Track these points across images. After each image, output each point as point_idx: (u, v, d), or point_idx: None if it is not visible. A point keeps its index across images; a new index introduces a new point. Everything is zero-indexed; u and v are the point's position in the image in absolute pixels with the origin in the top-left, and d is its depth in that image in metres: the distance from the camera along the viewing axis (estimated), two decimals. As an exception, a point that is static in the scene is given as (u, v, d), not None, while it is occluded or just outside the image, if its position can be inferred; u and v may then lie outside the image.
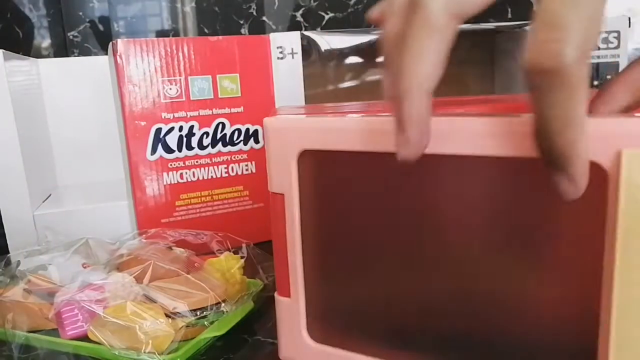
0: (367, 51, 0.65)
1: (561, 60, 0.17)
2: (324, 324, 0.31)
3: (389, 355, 0.29)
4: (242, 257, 0.42)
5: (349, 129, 0.27)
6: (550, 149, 0.19)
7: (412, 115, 0.21)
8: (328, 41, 0.63)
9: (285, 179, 0.29)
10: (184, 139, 0.53)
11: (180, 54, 0.52)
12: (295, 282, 0.30)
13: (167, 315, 0.35)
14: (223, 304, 0.37)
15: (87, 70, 0.68)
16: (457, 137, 0.24)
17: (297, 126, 0.29)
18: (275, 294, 0.32)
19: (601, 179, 0.21)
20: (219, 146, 0.55)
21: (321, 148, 0.28)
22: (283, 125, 0.29)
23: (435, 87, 0.21)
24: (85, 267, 0.40)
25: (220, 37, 0.53)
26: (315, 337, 0.31)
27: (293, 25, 0.76)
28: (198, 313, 0.36)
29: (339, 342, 0.30)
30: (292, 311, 0.31)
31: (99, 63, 0.67)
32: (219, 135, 0.54)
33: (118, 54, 0.50)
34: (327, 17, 0.76)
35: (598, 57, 0.63)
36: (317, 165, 0.29)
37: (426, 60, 0.20)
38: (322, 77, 0.66)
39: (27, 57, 0.64)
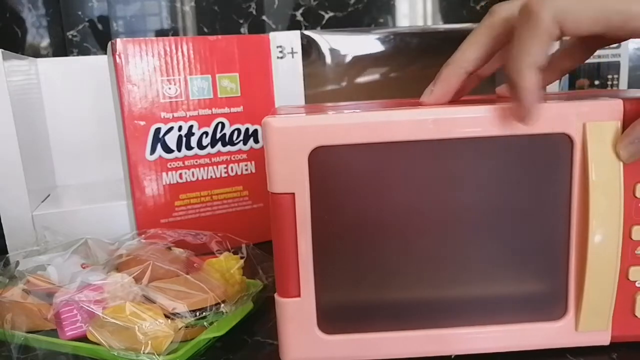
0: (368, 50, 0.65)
1: (540, 8, 0.26)
2: (333, 318, 0.32)
3: (399, 326, 0.32)
4: (241, 258, 0.42)
5: (361, 123, 0.29)
6: (510, 69, 0.27)
7: (527, 87, 0.27)
8: (328, 41, 0.63)
9: (296, 178, 0.30)
10: (184, 139, 0.53)
11: (180, 54, 0.52)
12: (306, 281, 0.31)
13: (166, 316, 0.35)
14: (222, 305, 0.37)
15: (86, 70, 0.68)
16: (467, 122, 0.29)
17: (307, 124, 0.29)
18: (276, 296, 0.32)
19: (570, 147, 0.29)
20: (219, 146, 0.55)
21: (334, 143, 0.29)
22: (291, 124, 0.29)
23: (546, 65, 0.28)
24: (84, 268, 0.40)
25: (219, 36, 0.53)
26: (327, 331, 0.32)
27: (293, 25, 0.76)
28: (197, 314, 0.36)
29: (350, 330, 0.32)
30: (301, 310, 0.31)
31: (98, 63, 0.67)
32: (218, 135, 0.54)
33: (117, 53, 0.50)
34: (327, 16, 0.76)
35: (599, 56, 0.63)
36: (327, 162, 0.30)
37: (535, 53, 0.27)
38: (322, 77, 0.66)
39: (26, 56, 0.64)
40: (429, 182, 0.30)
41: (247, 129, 0.55)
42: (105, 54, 0.67)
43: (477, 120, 0.29)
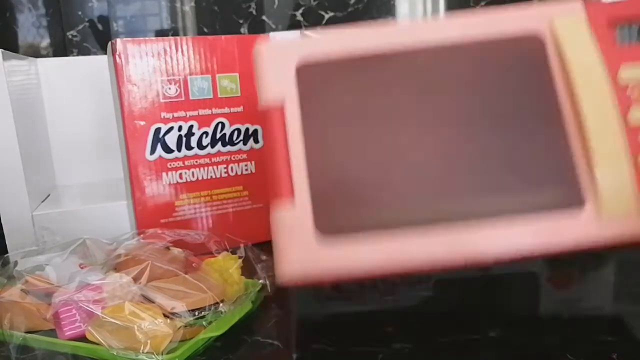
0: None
1: None
2: (330, 229, 0.31)
3: (400, 235, 0.31)
4: (240, 257, 0.42)
5: (344, 35, 0.32)
6: None
7: None
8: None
9: (285, 90, 0.31)
10: (184, 139, 0.53)
11: (180, 54, 0.52)
12: (300, 191, 0.31)
13: (165, 316, 0.35)
14: (221, 304, 0.37)
15: (86, 70, 0.68)
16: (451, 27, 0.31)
17: (293, 39, 0.32)
18: (272, 211, 0.32)
19: (541, 48, 0.31)
20: (219, 146, 0.55)
21: (318, 58, 0.31)
22: (279, 42, 0.32)
23: None
24: (82, 268, 0.40)
25: (219, 36, 0.53)
26: (325, 242, 0.31)
27: (293, 25, 0.76)
28: (196, 313, 0.36)
29: (350, 241, 0.31)
30: (297, 222, 0.31)
31: (98, 63, 0.67)
32: (218, 135, 0.54)
33: (117, 53, 0.50)
34: (327, 16, 0.76)
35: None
36: (314, 76, 0.31)
37: None
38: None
39: (26, 56, 0.64)
40: (413, 90, 0.32)
41: (247, 129, 0.55)
42: (105, 54, 0.67)
43: (450, 27, 0.32)
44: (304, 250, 0.31)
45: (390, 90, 0.31)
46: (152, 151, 0.52)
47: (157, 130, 0.52)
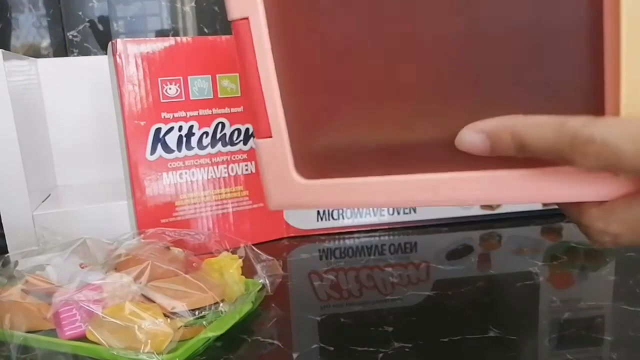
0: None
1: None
2: (311, 160, 0.29)
3: (382, 169, 0.28)
4: (240, 257, 0.42)
5: None
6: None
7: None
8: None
9: (249, 1, 0.27)
10: (184, 139, 0.53)
11: (180, 54, 0.52)
12: (275, 118, 0.28)
13: (165, 315, 0.35)
14: (221, 304, 0.37)
15: (87, 70, 0.68)
16: None
17: None
18: (253, 140, 0.30)
19: None
20: (219, 146, 0.55)
21: None
22: None
23: None
24: (82, 268, 0.40)
25: (220, 36, 0.53)
26: (306, 174, 0.29)
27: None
28: (196, 313, 0.36)
29: (330, 173, 0.29)
30: (276, 151, 0.29)
31: (99, 63, 0.67)
32: (218, 135, 0.54)
33: (117, 53, 0.50)
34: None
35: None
36: None
37: None
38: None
39: (26, 57, 0.64)
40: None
41: (247, 129, 0.55)
42: (106, 54, 0.67)
43: None
44: (285, 184, 0.29)
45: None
46: (153, 151, 0.52)
47: (158, 130, 0.52)
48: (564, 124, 0.23)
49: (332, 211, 0.60)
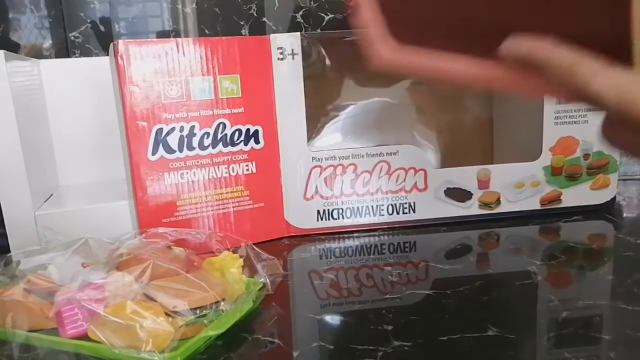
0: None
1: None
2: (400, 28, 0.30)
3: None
4: (241, 257, 0.42)
5: None
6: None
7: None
8: (328, 42, 0.63)
9: None
10: (185, 140, 0.53)
11: (181, 55, 0.52)
12: None
13: (166, 314, 0.35)
14: (222, 303, 0.37)
15: (88, 71, 0.68)
16: None
17: None
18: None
19: None
20: (220, 146, 0.55)
21: None
22: None
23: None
24: (84, 267, 0.41)
25: (220, 38, 0.54)
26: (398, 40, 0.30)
27: (293, 26, 0.76)
28: (198, 312, 0.36)
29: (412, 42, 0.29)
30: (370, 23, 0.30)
31: (100, 64, 0.67)
32: (219, 136, 0.55)
33: (119, 54, 0.50)
34: (327, 18, 0.77)
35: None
36: None
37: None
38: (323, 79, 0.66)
39: (28, 57, 0.64)
40: None
41: (247, 130, 0.56)
42: (107, 55, 0.67)
43: None
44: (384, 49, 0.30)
45: None
46: (154, 151, 0.52)
47: (159, 130, 0.52)
48: (580, 62, 0.24)
49: (332, 211, 0.60)
